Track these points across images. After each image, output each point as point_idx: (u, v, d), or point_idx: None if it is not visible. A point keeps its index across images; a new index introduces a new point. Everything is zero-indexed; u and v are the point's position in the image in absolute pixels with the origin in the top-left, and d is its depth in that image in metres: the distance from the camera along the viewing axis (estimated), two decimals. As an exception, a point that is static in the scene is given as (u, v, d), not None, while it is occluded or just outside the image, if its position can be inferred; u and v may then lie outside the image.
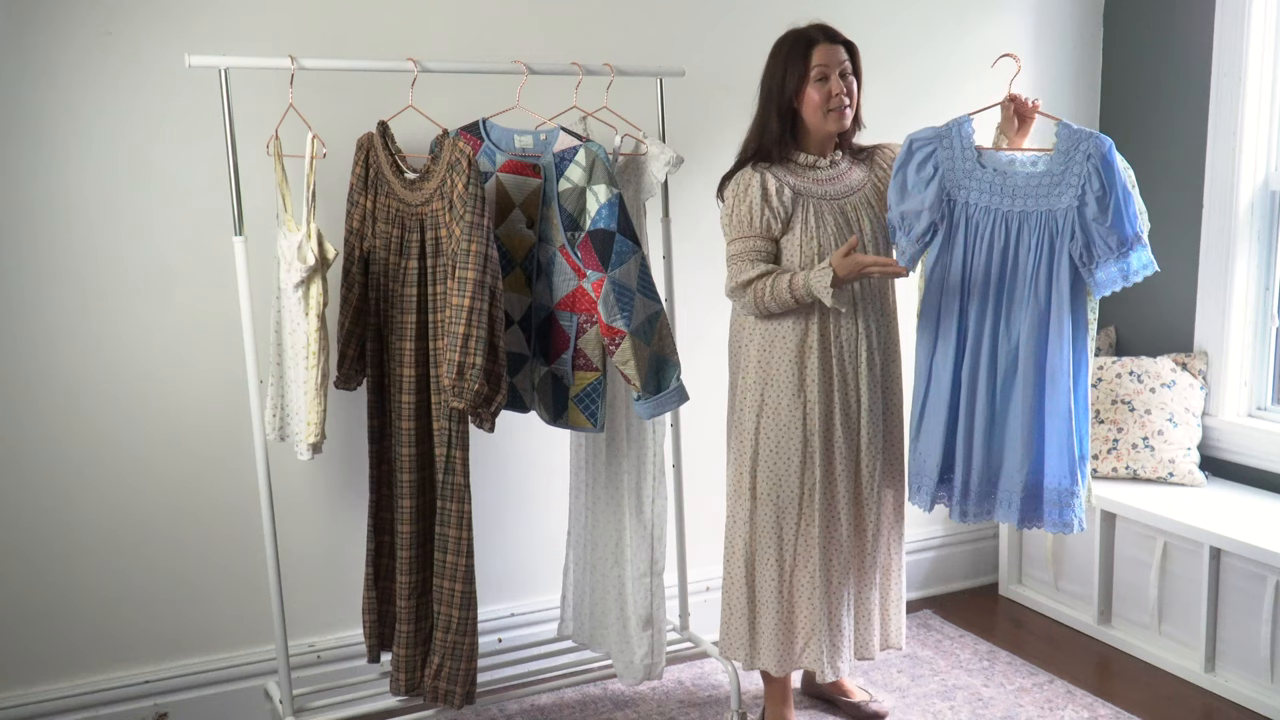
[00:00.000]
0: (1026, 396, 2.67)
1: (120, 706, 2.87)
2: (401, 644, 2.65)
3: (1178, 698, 3.17)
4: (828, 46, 2.67)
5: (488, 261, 2.40)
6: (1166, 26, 3.71)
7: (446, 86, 2.81)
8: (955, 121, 2.73)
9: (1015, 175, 2.66)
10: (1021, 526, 2.75)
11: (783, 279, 2.65)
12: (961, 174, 2.69)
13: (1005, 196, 2.66)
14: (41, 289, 2.70)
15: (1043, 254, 2.62)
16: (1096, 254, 2.57)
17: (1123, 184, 2.55)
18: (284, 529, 2.78)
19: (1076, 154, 2.58)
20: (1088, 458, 2.70)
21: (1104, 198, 2.54)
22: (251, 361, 2.54)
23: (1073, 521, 2.69)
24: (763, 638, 2.81)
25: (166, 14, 2.72)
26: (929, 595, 3.87)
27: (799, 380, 2.71)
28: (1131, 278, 2.58)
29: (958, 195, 2.70)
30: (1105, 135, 2.58)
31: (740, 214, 2.69)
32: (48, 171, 2.67)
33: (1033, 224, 2.63)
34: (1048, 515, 2.71)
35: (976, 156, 2.69)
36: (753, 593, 2.81)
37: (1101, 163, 2.55)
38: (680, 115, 3.13)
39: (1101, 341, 3.89)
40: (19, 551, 2.75)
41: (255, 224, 2.63)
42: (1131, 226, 2.55)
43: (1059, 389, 2.64)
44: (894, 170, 2.75)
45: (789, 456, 2.72)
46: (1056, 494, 2.69)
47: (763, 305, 2.68)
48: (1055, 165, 2.61)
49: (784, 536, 2.75)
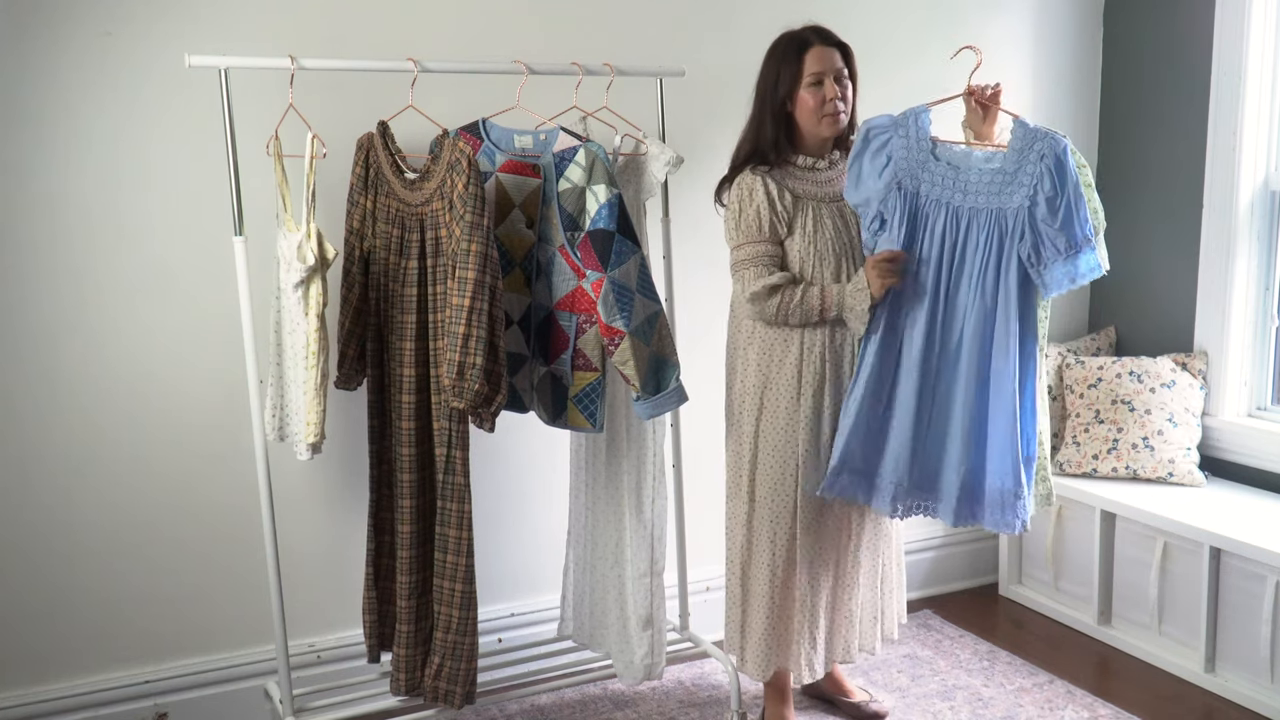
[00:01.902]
0: (968, 395, 2.62)
1: (120, 706, 2.87)
2: (401, 644, 2.65)
3: (1178, 698, 3.17)
4: (822, 49, 2.66)
5: (488, 261, 2.40)
6: (1166, 26, 3.71)
7: (446, 86, 2.81)
8: (912, 111, 2.67)
9: (969, 170, 2.61)
10: (957, 524, 2.68)
11: (812, 293, 2.62)
12: (915, 164, 2.64)
13: (957, 191, 2.61)
14: (42, 288, 2.70)
15: (991, 252, 2.57)
16: (1045, 255, 2.53)
17: (1075, 186, 2.51)
18: (284, 529, 2.77)
19: (1030, 153, 2.54)
20: (1034, 459, 2.65)
21: (1054, 199, 2.50)
22: (251, 361, 2.54)
23: (1014, 522, 2.62)
24: (750, 640, 2.82)
25: (166, 14, 2.72)
26: (929, 595, 3.87)
27: (798, 384, 2.70)
28: (1079, 280, 2.54)
29: (909, 185, 2.64)
30: (1061, 136, 2.54)
31: (748, 218, 2.67)
32: (48, 171, 2.67)
33: (982, 221, 2.58)
34: (988, 515, 2.64)
35: (931, 148, 2.64)
36: (746, 597, 2.81)
37: (1055, 164, 2.51)
38: (680, 115, 3.12)
39: (1101, 341, 3.89)
40: (19, 551, 2.75)
41: (255, 224, 2.63)
42: (1082, 229, 2.51)
43: (1004, 390, 2.58)
44: (851, 158, 2.69)
45: (786, 460, 2.72)
46: (999, 494, 2.62)
47: (784, 315, 2.64)
48: (1009, 163, 2.57)
49: (777, 539, 2.74)
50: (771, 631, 2.78)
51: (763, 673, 2.82)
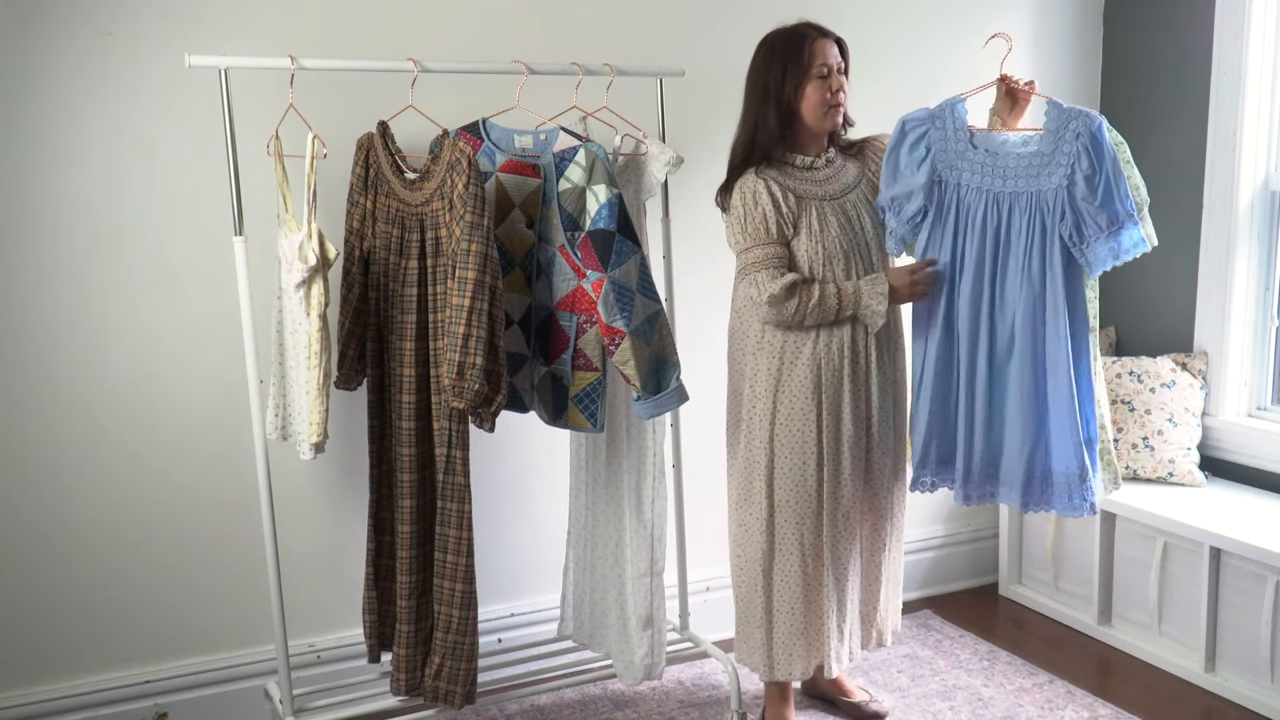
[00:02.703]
0: (1024, 379, 2.64)
1: (120, 706, 2.87)
2: (402, 644, 2.65)
3: (1178, 698, 3.17)
4: (824, 43, 2.66)
5: (488, 261, 2.40)
6: (1166, 26, 3.71)
7: (446, 86, 2.81)
8: (948, 102, 2.71)
9: (1007, 156, 2.64)
10: (1025, 510, 2.72)
11: (829, 291, 2.63)
12: (954, 155, 2.67)
13: (997, 177, 2.64)
14: (43, 288, 2.70)
15: (1034, 235, 2.60)
16: (1087, 233, 2.55)
17: (1113, 162, 2.53)
18: (284, 529, 2.78)
19: (1066, 133, 2.56)
20: (1096, 441, 2.67)
21: (1093, 177, 2.52)
22: (252, 361, 2.54)
23: (1082, 505, 2.65)
24: (779, 647, 2.79)
25: (167, 15, 2.72)
26: (929, 595, 3.87)
27: (814, 385, 2.69)
28: (1123, 256, 2.56)
29: (949, 177, 2.67)
30: (1096, 113, 2.56)
31: (755, 221, 2.66)
32: (49, 171, 2.67)
33: (1024, 205, 2.61)
34: (1056, 498, 2.67)
35: (969, 138, 2.68)
36: (770, 602, 2.79)
37: (1090, 141, 2.53)
38: (680, 115, 3.13)
39: (1101, 341, 3.88)
40: (19, 550, 2.75)
41: (255, 224, 2.63)
42: (1123, 205, 2.53)
43: (1058, 371, 2.61)
44: (887, 152, 2.73)
45: (806, 462, 2.70)
46: (1065, 478, 2.65)
47: (802, 315, 2.63)
48: (1045, 145, 2.59)
49: (805, 542, 2.73)
50: (806, 631, 2.76)
51: (800, 672, 2.80)
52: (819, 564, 2.74)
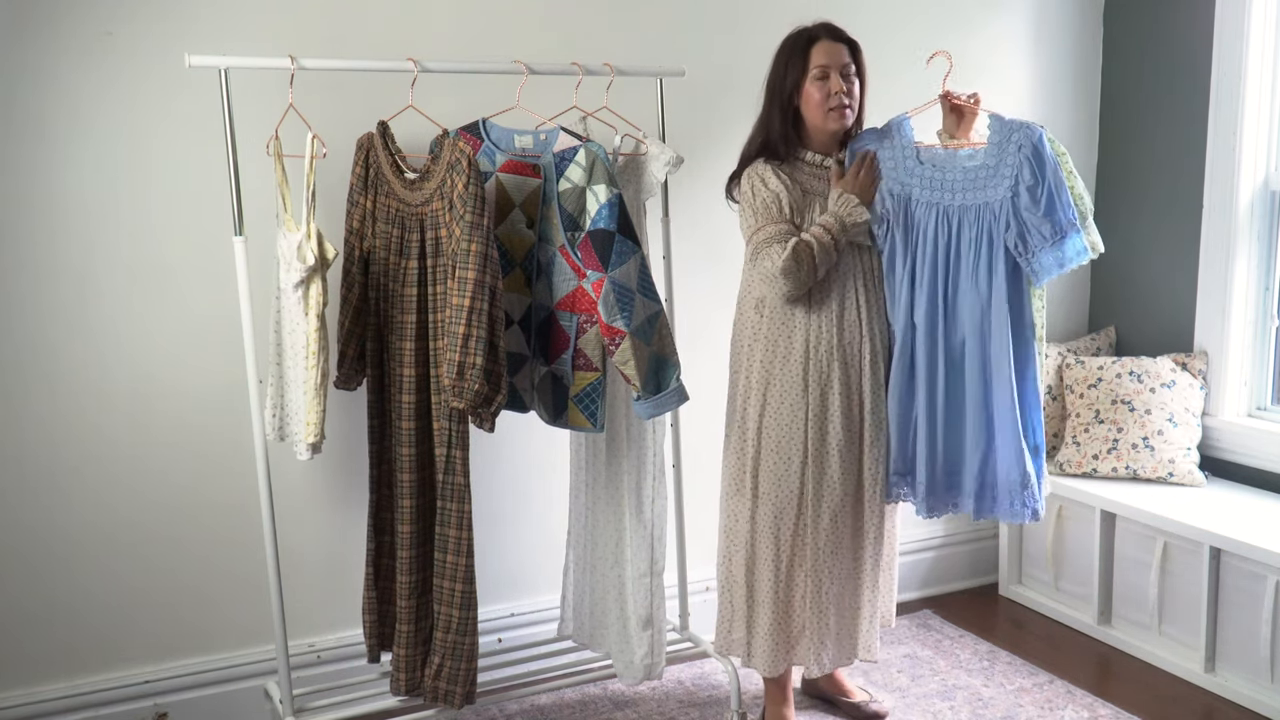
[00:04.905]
0: (976, 390, 2.69)
1: (120, 706, 2.87)
2: (401, 644, 2.65)
3: (1178, 698, 3.17)
4: (829, 44, 2.67)
5: (488, 261, 2.40)
6: (1166, 26, 3.71)
7: (446, 86, 2.81)
8: (894, 121, 2.76)
9: (954, 170, 2.68)
10: (978, 517, 2.76)
11: (814, 232, 2.63)
12: (904, 172, 2.72)
13: (945, 191, 2.69)
14: (41, 288, 2.70)
15: (982, 246, 2.65)
16: (1031, 243, 2.60)
17: (1054, 172, 2.58)
18: (284, 529, 2.77)
19: (1009, 145, 2.61)
20: (1042, 448, 2.71)
21: (1035, 188, 2.57)
22: (251, 361, 2.54)
23: (1022, 512, 2.69)
24: (757, 638, 2.81)
25: (167, 14, 2.72)
26: (929, 595, 3.87)
27: (803, 381, 2.70)
28: (1068, 265, 2.60)
29: (900, 193, 2.72)
30: (1037, 125, 2.61)
31: (765, 199, 2.68)
32: (48, 171, 2.67)
33: (972, 217, 2.66)
34: (999, 505, 2.72)
35: (916, 154, 2.72)
36: (751, 592, 2.81)
37: (1032, 153, 2.58)
38: (680, 115, 3.12)
39: (1101, 341, 3.89)
40: (18, 552, 2.75)
41: (255, 224, 2.63)
42: (1065, 214, 2.57)
43: (1001, 380, 2.65)
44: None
45: (790, 456, 2.72)
46: (1008, 484, 2.69)
47: (812, 268, 2.62)
48: (990, 158, 2.64)
49: (780, 536, 2.75)
50: (779, 628, 2.78)
51: (773, 667, 2.82)
52: (793, 562, 2.76)
